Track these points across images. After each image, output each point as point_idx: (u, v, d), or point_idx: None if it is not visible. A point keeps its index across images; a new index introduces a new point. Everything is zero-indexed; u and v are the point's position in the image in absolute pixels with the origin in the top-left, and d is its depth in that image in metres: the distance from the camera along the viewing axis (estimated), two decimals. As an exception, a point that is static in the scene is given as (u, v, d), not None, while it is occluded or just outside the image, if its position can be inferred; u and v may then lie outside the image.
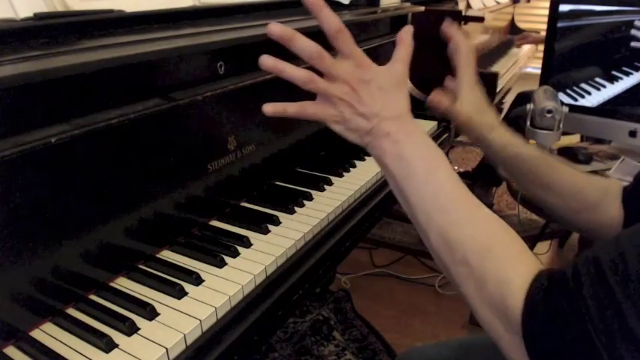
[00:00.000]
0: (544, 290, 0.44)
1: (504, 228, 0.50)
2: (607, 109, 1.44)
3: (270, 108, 0.58)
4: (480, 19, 1.91)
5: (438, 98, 0.88)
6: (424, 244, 0.54)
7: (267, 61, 0.57)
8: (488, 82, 1.80)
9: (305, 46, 0.55)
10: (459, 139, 1.54)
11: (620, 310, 0.40)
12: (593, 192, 0.72)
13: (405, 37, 0.61)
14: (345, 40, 0.55)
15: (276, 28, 0.54)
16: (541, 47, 1.68)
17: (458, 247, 0.49)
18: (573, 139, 2.06)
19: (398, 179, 0.54)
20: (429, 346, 0.88)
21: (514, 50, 2.74)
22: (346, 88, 0.55)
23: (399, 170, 0.54)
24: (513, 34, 2.91)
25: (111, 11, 0.80)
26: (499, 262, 0.47)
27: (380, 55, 1.34)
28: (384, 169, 0.56)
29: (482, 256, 0.47)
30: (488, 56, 2.36)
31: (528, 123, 1.37)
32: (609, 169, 1.38)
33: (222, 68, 0.82)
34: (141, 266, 0.70)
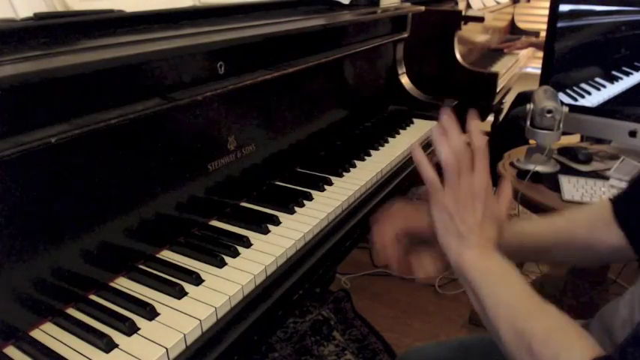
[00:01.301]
0: None
1: (568, 321, 0.53)
2: (607, 109, 1.44)
3: (418, 155, 0.62)
4: (480, 19, 1.91)
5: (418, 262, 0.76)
6: (494, 338, 0.58)
7: (415, 154, 0.63)
8: (488, 82, 1.80)
9: (426, 173, 0.61)
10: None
11: None
12: (580, 239, 0.73)
13: (507, 188, 0.66)
14: (485, 157, 0.60)
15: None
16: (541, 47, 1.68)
17: (524, 335, 0.52)
18: (573, 139, 2.06)
19: (474, 285, 0.58)
20: (428, 346, 0.87)
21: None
22: (457, 194, 0.60)
23: (476, 277, 0.58)
24: (513, 34, 2.91)
25: (111, 11, 0.80)
26: (560, 349, 0.49)
27: (380, 55, 1.34)
28: (461, 275, 0.60)
29: (545, 344, 0.50)
30: (488, 56, 2.36)
31: (528, 123, 1.37)
32: (609, 169, 1.37)
33: (222, 68, 0.82)
34: (141, 266, 0.70)
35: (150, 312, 0.60)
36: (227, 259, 0.71)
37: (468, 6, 2.16)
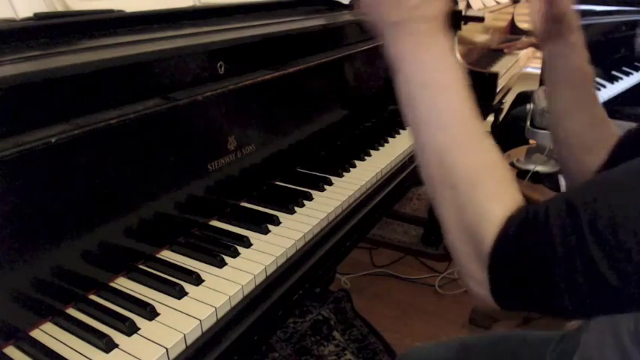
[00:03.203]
0: (516, 226, 0.44)
1: (500, 161, 0.49)
2: (607, 109, 1.44)
3: None
4: (480, 19, 1.91)
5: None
6: (416, 157, 0.53)
7: None
8: (488, 82, 1.80)
9: None
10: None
11: (590, 256, 0.39)
12: (605, 131, 0.72)
13: None
14: None
15: None
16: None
17: (451, 170, 0.48)
18: (573, 139, 2.06)
19: (410, 83, 0.51)
20: (429, 347, 0.87)
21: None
22: None
23: (413, 74, 0.51)
24: (513, 34, 2.90)
25: (111, 11, 0.80)
26: (486, 193, 0.47)
27: (380, 55, 1.34)
28: (398, 66, 0.53)
29: (472, 185, 0.47)
30: (488, 56, 2.36)
31: (528, 123, 1.37)
32: (609, 169, 1.37)
33: (222, 68, 0.82)
34: (141, 266, 0.70)
35: (150, 312, 0.60)
36: (227, 259, 0.71)
37: (468, 6, 2.16)
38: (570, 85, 0.72)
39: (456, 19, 1.90)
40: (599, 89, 1.46)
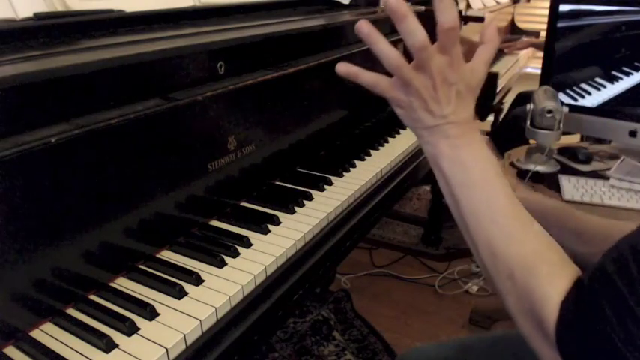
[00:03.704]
0: (573, 303, 0.45)
1: (551, 244, 0.50)
2: (607, 109, 1.44)
3: (343, 67, 0.56)
4: (480, 19, 1.91)
5: None
6: (470, 249, 0.55)
7: (363, 27, 0.53)
8: (488, 82, 1.80)
9: (415, 30, 0.51)
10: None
11: (634, 313, 0.40)
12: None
13: (492, 35, 0.57)
14: (454, 37, 0.52)
15: (392, 4, 0.50)
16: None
17: (504, 261, 0.50)
18: (573, 139, 2.06)
19: (452, 183, 0.54)
20: (428, 347, 0.87)
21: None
22: (429, 83, 0.53)
23: (454, 174, 0.53)
24: (514, 35, 2.91)
25: (111, 11, 0.80)
26: (542, 279, 0.48)
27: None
28: (437, 169, 0.56)
29: (527, 273, 0.48)
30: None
31: (528, 123, 1.37)
32: (609, 169, 1.37)
33: (222, 68, 0.82)
34: (141, 266, 0.70)
35: (150, 312, 0.60)
36: (227, 259, 0.71)
37: (468, 6, 2.16)
38: None
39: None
40: (599, 89, 1.46)
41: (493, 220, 0.51)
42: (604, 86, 1.46)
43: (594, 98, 1.46)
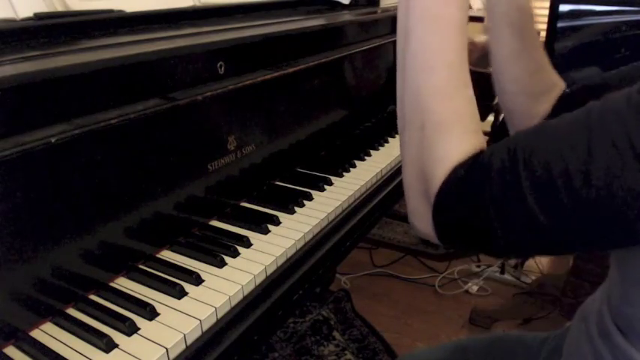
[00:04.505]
0: (465, 169, 0.46)
1: (474, 113, 0.50)
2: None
3: None
4: (480, 19, 1.91)
5: None
6: (397, 92, 0.53)
7: None
8: (489, 82, 1.80)
9: None
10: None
11: (522, 194, 0.41)
12: (548, 78, 0.73)
13: None
14: None
15: None
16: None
17: (424, 113, 0.49)
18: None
19: (413, 9, 0.50)
20: (424, 350, 0.87)
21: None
22: None
23: (420, 3, 0.50)
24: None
25: (111, 11, 0.80)
26: (449, 139, 0.48)
27: (380, 55, 1.34)
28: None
29: (440, 130, 0.48)
30: (488, 56, 2.35)
31: (528, 123, 1.37)
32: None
33: (222, 68, 0.82)
34: (141, 266, 0.70)
35: (150, 312, 0.60)
36: (227, 259, 0.71)
37: (468, 6, 2.15)
38: (511, 25, 0.69)
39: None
40: (599, 89, 1.46)
41: (432, 70, 0.49)
42: (604, 86, 1.45)
43: (594, 98, 1.45)
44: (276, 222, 0.81)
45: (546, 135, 0.44)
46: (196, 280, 0.66)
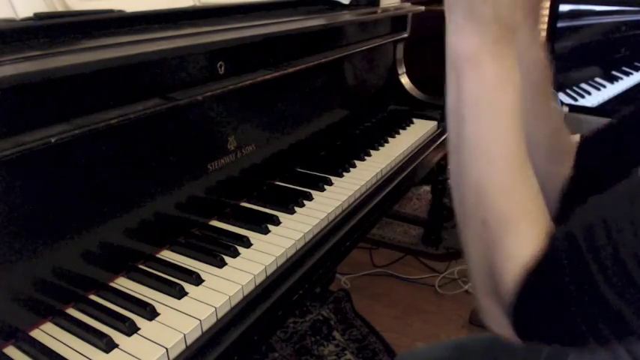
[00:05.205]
0: (536, 267, 0.43)
1: (538, 199, 0.47)
2: (607, 109, 1.44)
3: None
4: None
5: None
6: (450, 172, 0.49)
7: None
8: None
9: None
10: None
11: (600, 292, 0.39)
12: (565, 138, 0.68)
13: None
14: None
15: None
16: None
17: (488, 207, 0.45)
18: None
19: (465, 96, 0.46)
20: (423, 350, 0.87)
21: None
22: None
23: (472, 86, 0.46)
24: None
25: (111, 11, 0.80)
26: (516, 236, 0.45)
27: (380, 55, 1.34)
28: (454, 71, 0.47)
29: (505, 227, 0.45)
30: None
31: (528, 123, 1.37)
32: (609, 169, 1.37)
33: (222, 68, 0.82)
34: (141, 266, 0.70)
35: (150, 312, 0.60)
36: (227, 259, 0.71)
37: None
38: (530, 82, 0.63)
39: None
40: (599, 89, 1.46)
41: (493, 160, 0.45)
42: (604, 86, 1.45)
43: (594, 98, 1.46)
44: (276, 222, 0.80)
45: (603, 212, 0.41)
46: (196, 280, 0.66)
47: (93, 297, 0.64)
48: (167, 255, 0.73)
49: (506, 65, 0.45)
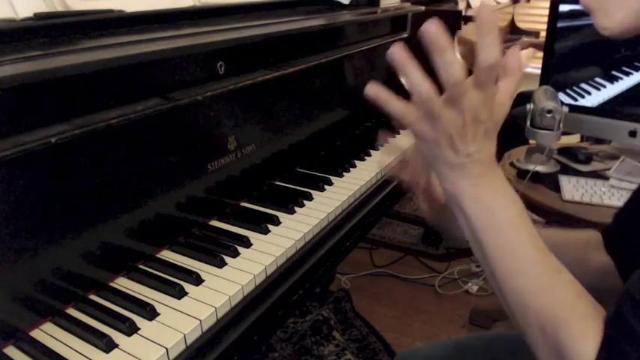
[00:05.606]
0: (604, 354, 0.45)
1: (580, 293, 0.49)
2: (607, 109, 1.44)
3: (373, 91, 0.51)
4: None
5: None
6: (497, 296, 0.53)
7: (395, 54, 0.49)
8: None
9: (453, 63, 0.48)
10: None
11: None
12: (574, 249, 0.70)
13: (515, 65, 0.54)
14: (492, 75, 0.49)
15: (432, 33, 0.47)
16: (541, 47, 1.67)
17: (535, 314, 0.49)
18: (573, 139, 2.06)
19: (474, 226, 0.51)
20: (424, 348, 0.87)
21: (514, 50, 2.73)
22: (459, 119, 0.49)
23: (476, 216, 0.51)
24: (513, 35, 2.91)
25: (111, 11, 0.80)
26: (573, 334, 0.47)
27: (380, 55, 1.34)
28: (458, 209, 0.52)
29: (558, 327, 0.47)
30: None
31: (528, 123, 1.37)
32: (609, 169, 1.37)
33: (222, 68, 0.82)
34: (141, 266, 0.70)
35: (150, 312, 0.60)
36: (227, 259, 0.71)
37: (468, 6, 2.16)
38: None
39: (456, 19, 1.90)
40: (599, 89, 1.46)
41: (521, 271, 0.49)
42: (604, 86, 1.45)
43: (594, 98, 1.46)
44: (276, 222, 0.80)
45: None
46: (196, 280, 0.66)
47: (93, 297, 0.64)
48: (167, 255, 0.73)
49: (497, 187, 0.51)
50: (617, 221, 0.69)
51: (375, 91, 0.51)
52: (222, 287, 0.65)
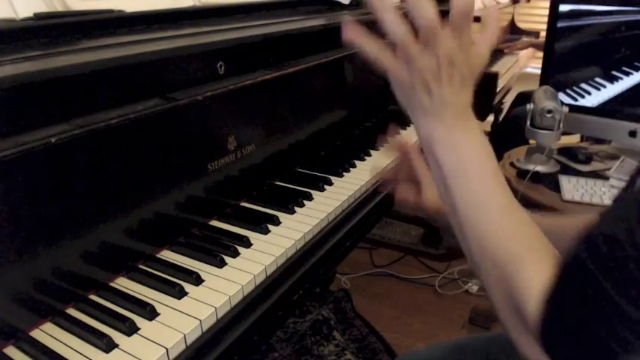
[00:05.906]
0: (551, 295, 0.45)
1: (538, 237, 0.50)
2: (607, 109, 1.44)
3: (350, 34, 0.51)
4: (480, 19, 1.91)
5: (403, 195, 0.78)
6: (458, 240, 0.54)
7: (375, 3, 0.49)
8: (488, 82, 1.80)
9: (424, 6, 0.48)
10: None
11: (614, 300, 0.40)
12: (572, 234, 0.71)
13: (493, 18, 0.56)
14: (467, 20, 0.50)
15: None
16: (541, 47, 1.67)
17: (493, 255, 0.49)
18: (573, 139, 2.06)
19: (445, 170, 0.52)
20: (424, 350, 0.87)
21: (514, 50, 2.73)
22: (434, 63, 0.49)
23: (448, 160, 0.52)
24: (514, 35, 2.90)
25: (111, 11, 0.80)
26: (526, 273, 0.47)
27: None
28: (430, 154, 0.53)
29: (512, 264, 0.48)
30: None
31: (528, 123, 1.37)
32: (609, 169, 1.38)
33: (222, 68, 0.82)
34: (141, 266, 0.70)
35: (150, 312, 0.60)
36: (227, 259, 0.71)
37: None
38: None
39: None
40: (599, 89, 1.46)
41: (483, 214, 0.50)
42: (604, 86, 1.45)
43: (594, 98, 1.46)
44: (276, 222, 0.81)
45: (604, 228, 0.43)
46: (196, 280, 0.66)
47: (93, 297, 0.64)
48: (167, 255, 0.73)
49: (470, 134, 0.52)
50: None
51: (352, 32, 0.51)
52: (222, 287, 0.65)
